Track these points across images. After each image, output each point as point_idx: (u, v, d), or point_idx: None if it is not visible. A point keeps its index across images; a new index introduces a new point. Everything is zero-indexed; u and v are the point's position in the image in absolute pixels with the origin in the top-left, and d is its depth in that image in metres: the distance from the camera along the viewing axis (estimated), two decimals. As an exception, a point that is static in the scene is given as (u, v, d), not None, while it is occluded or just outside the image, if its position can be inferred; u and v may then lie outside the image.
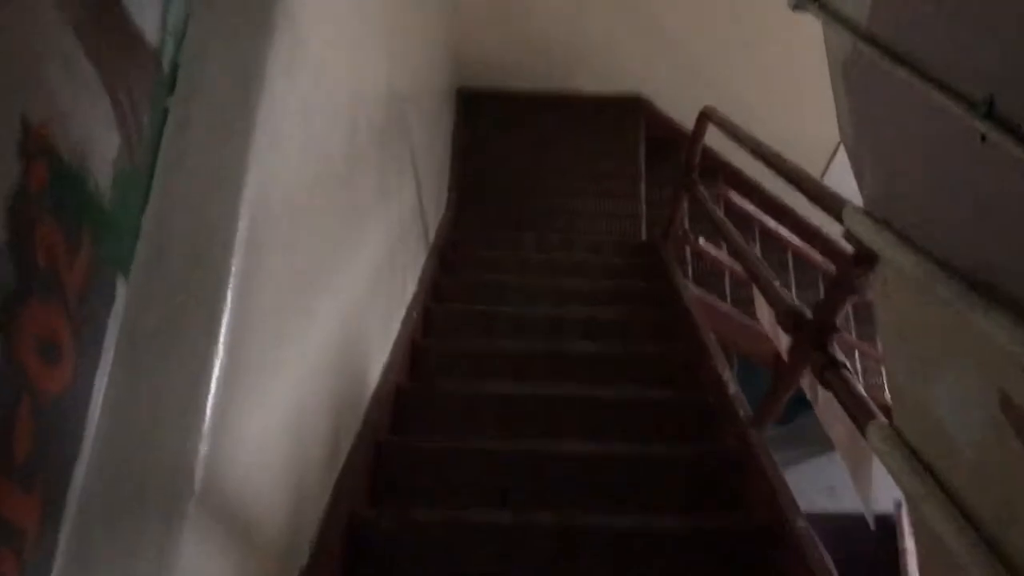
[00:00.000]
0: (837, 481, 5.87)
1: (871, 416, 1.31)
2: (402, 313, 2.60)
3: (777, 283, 1.98)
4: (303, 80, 1.39)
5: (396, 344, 2.37)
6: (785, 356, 1.91)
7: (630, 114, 4.85)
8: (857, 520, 5.72)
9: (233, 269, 1.08)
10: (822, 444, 5.98)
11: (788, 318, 1.76)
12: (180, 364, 1.01)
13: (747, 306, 4.86)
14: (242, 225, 1.11)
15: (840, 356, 1.54)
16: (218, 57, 1.16)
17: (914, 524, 1.29)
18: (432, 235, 3.59)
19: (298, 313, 1.44)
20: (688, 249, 4.06)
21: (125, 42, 0.98)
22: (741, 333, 4.74)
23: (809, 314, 1.77)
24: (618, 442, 2.08)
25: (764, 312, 2.27)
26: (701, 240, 3.79)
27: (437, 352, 2.56)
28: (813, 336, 1.60)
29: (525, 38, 4.73)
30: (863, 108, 1.45)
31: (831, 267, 4.67)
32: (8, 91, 0.76)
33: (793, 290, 5.38)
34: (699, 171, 3.37)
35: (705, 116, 3.10)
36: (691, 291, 3.27)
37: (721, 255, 4.01)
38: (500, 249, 3.82)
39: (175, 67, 1.12)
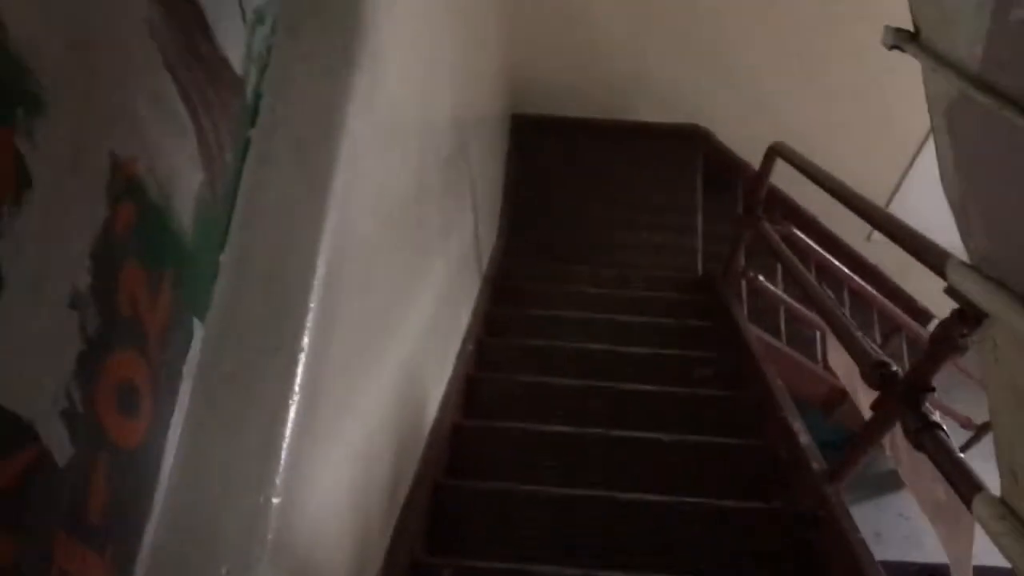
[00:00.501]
0: (883, 526, 5.71)
1: (976, 487, 1.23)
2: (457, 346, 2.55)
3: (860, 334, 1.89)
4: (381, 116, 1.35)
5: (452, 379, 2.32)
6: (865, 411, 1.82)
7: (688, 144, 4.77)
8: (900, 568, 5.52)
9: (311, 313, 1.04)
10: (868, 488, 5.82)
11: (875, 374, 1.67)
12: (256, 412, 0.96)
13: (802, 345, 4.76)
14: (321, 266, 1.07)
15: (935, 416, 1.45)
16: (302, 90, 1.13)
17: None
18: (485, 264, 3.55)
19: (369, 354, 1.40)
20: (744, 285, 3.97)
21: (213, 70, 0.94)
22: (794, 372, 4.63)
23: (895, 367, 1.68)
24: (685, 493, 1.99)
25: (840, 362, 2.18)
26: (761, 278, 3.70)
27: (493, 387, 2.50)
28: (905, 395, 1.51)
29: (585, 66, 4.69)
30: (972, 159, 1.37)
31: (893, 308, 4.55)
32: (97, 128, 0.72)
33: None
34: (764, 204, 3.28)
35: (773, 152, 3.02)
36: (751, 330, 3.17)
37: (780, 293, 3.92)
38: (554, 281, 3.76)
39: (258, 97, 1.08)
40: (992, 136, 1.25)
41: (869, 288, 4.31)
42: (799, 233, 3.50)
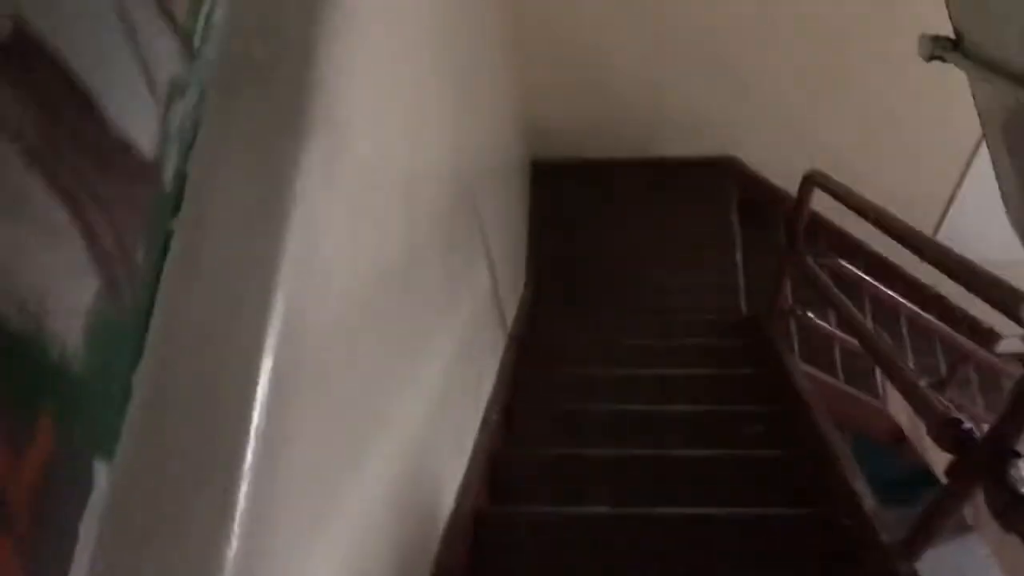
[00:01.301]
0: (968, 570, 5.37)
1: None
2: (479, 418, 2.36)
3: (924, 383, 1.67)
4: (348, 186, 1.19)
5: (472, 458, 2.13)
6: (938, 468, 1.59)
7: (721, 176, 4.58)
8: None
9: (254, 430, 0.87)
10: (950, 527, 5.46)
11: (947, 435, 1.45)
12: (184, 568, 0.79)
13: (861, 380, 4.50)
14: (266, 370, 0.90)
15: (1027, 489, 1.23)
16: (238, 169, 0.97)
17: None
18: (510, 320, 3.37)
19: (350, 452, 1.22)
20: (793, 323, 3.74)
21: (104, 157, 0.78)
22: (855, 408, 4.37)
23: (969, 424, 1.46)
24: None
25: (902, 413, 1.96)
26: (810, 314, 3.47)
27: (521, 464, 2.31)
28: (988, 464, 1.29)
29: (602, 103, 4.54)
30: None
31: (955, 335, 4.27)
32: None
33: (909, 357, 4.97)
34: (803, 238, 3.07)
35: (809, 181, 2.82)
36: (804, 375, 2.94)
37: (831, 329, 3.68)
38: (585, 332, 3.56)
39: (182, 180, 0.93)
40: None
41: (927, 315, 4.04)
42: (846, 264, 3.27)
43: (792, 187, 3.10)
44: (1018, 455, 1.27)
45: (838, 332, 3.60)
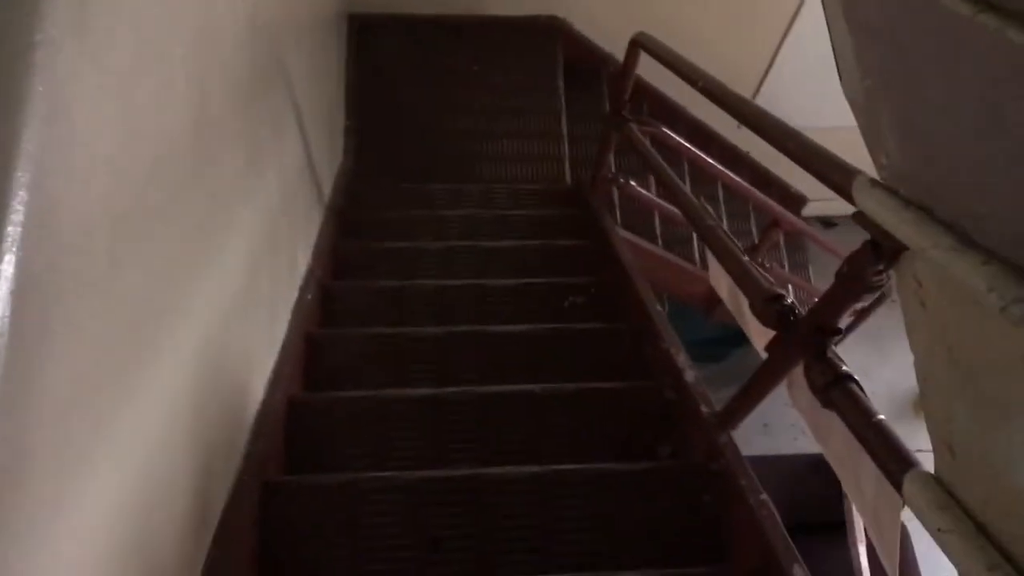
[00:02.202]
0: (770, 416, 5.78)
1: (907, 463, 1.03)
2: (293, 299, 2.22)
3: (747, 259, 1.68)
4: (112, 39, 0.99)
5: (285, 344, 2.00)
6: (759, 345, 1.62)
7: (545, 38, 4.44)
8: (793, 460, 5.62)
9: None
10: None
11: (769, 310, 1.47)
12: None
13: (679, 245, 4.64)
14: (6, 278, 0.73)
15: (846, 367, 1.25)
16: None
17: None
18: (329, 191, 3.19)
19: (134, 351, 1.07)
20: (616, 191, 3.76)
21: None
22: (673, 275, 4.53)
23: (791, 300, 1.48)
24: (565, 456, 1.78)
25: (723, 282, 1.98)
26: (633, 183, 3.48)
27: (338, 346, 2.20)
28: (808, 339, 1.31)
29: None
30: (881, 45, 1.12)
31: (768, 202, 4.44)
32: None
33: (724, 221, 5.17)
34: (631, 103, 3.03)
35: (637, 45, 2.75)
36: (627, 247, 2.96)
37: (653, 197, 3.73)
38: (406, 204, 3.43)
39: None
40: (911, 22, 1.01)
41: (743, 183, 4.17)
42: (669, 132, 3.27)
43: (617, 50, 3.02)
44: (838, 332, 1.28)
45: (661, 201, 3.64)
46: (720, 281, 1.97)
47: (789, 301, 1.48)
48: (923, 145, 1.04)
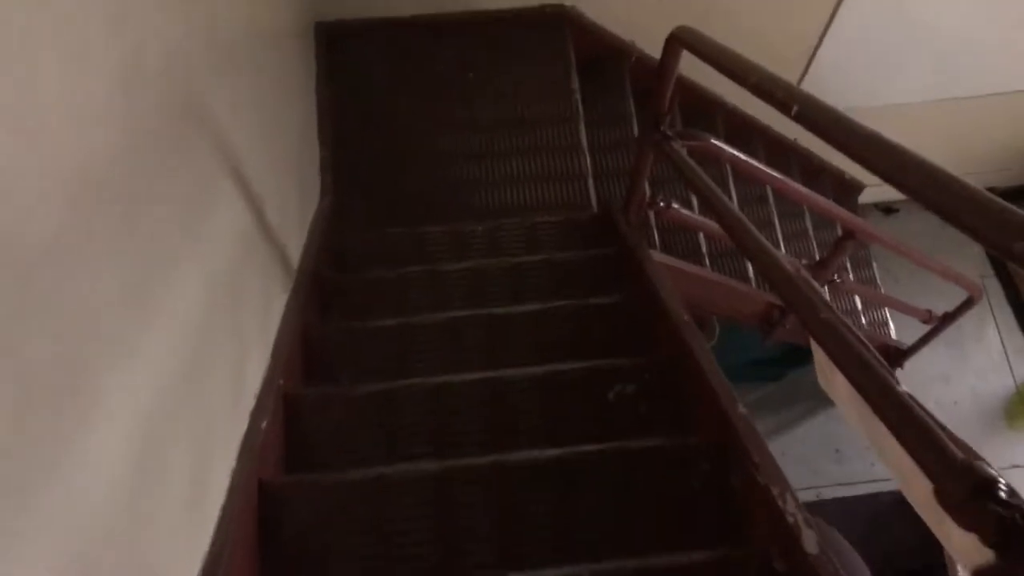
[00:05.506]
0: (842, 441, 5.31)
1: None
2: (238, 435, 1.67)
3: (925, 414, 1.11)
4: None
5: (224, 517, 1.45)
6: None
7: (554, 33, 3.83)
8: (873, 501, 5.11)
9: None
10: (821, 398, 5.34)
11: (974, 508, 0.89)
12: None
13: (727, 259, 4.11)
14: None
15: None
16: None
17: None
18: (299, 251, 2.63)
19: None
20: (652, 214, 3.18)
21: None
22: (723, 295, 3.99)
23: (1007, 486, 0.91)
24: None
25: (842, 395, 1.43)
26: (675, 205, 2.91)
27: (305, 507, 1.64)
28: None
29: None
30: None
31: (835, 208, 3.87)
32: None
33: (776, 223, 4.65)
34: (672, 113, 2.44)
35: (676, 41, 2.16)
36: (675, 296, 2.36)
37: (698, 218, 3.15)
38: (398, 260, 2.82)
39: None
40: None
41: (808, 192, 3.58)
42: (722, 146, 2.68)
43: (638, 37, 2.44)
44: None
45: (708, 222, 3.05)
46: (838, 389, 1.41)
47: (1005, 488, 0.91)
48: None
